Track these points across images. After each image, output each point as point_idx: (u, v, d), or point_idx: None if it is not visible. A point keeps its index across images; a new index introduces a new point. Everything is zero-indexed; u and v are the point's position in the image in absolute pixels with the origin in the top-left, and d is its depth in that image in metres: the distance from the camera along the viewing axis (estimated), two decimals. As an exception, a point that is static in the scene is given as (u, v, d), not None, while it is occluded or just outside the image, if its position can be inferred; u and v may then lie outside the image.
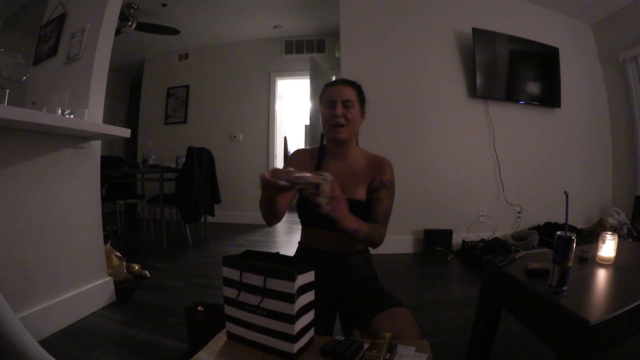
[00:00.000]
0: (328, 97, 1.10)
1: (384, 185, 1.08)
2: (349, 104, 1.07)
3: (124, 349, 1.36)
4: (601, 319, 0.68)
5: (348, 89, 1.10)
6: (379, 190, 1.07)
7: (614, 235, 1.01)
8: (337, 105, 1.07)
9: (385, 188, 1.07)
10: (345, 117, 1.06)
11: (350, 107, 1.07)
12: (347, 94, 1.08)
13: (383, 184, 1.08)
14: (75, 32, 1.82)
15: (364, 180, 1.10)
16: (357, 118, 1.10)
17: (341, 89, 1.09)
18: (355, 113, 1.09)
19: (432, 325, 1.56)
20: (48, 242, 1.50)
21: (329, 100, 1.09)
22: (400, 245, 2.92)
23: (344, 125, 1.06)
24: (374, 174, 1.10)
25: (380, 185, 1.08)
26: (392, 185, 1.10)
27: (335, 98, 1.08)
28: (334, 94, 1.09)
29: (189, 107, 4.77)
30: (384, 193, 1.07)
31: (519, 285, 0.90)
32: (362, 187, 1.09)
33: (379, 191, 1.07)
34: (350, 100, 1.08)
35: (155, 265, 2.47)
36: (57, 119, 1.39)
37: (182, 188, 3.12)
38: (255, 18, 3.99)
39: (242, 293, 0.80)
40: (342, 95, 1.07)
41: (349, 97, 1.08)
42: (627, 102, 3.35)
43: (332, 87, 1.11)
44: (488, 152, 3.11)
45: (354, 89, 1.11)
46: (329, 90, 1.11)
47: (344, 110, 1.07)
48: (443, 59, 3.08)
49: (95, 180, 1.80)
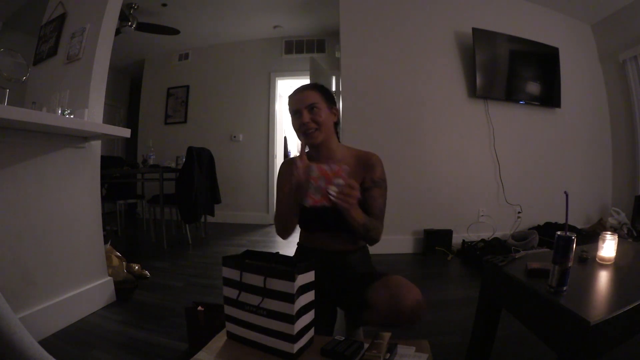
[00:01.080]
0: (293, 107, 1.09)
1: (375, 183, 1.08)
2: (314, 107, 1.05)
3: (124, 349, 1.36)
4: (601, 319, 0.68)
5: (310, 93, 1.07)
6: (371, 189, 1.07)
7: (614, 235, 1.01)
8: (302, 112, 1.05)
9: (377, 186, 1.08)
10: (314, 121, 1.05)
11: (316, 110, 1.06)
12: (310, 98, 1.06)
13: (375, 182, 1.08)
14: (75, 32, 1.82)
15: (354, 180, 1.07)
16: (327, 118, 1.08)
17: (303, 96, 1.07)
18: (324, 114, 1.07)
19: (432, 325, 1.55)
20: (48, 242, 1.50)
21: (294, 109, 1.08)
22: (400, 245, 2.92)
23: (315, 129, 1.05)
24: (364, 173, 1.09)
25: (372, 184, 1.08)
26: (384, 182, 1.11)
27: (299, 106, 1.06)
28: (297, 103, 1.07)
29: (189, 107, 4.77)
30: (377, 191, 1.07)
31: (519, 285, 0.90)
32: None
33: (372, 190, 1.07)
34: (315, 103, 1.06)
35: (155, 265, 2.47)
36: (57, 119, 1.39)
37: (182, 188, 3.12)
38: (255, 18, 3.99)
39: (242, 293, 0.80)
40: (305, 101, 1.06)
41: (312, 100, 1.06)
42: (627, 102, 3.35)
43: (294, 97, 1.09)
44: (488, 152, 3.11)
45: (316, 91, 1.09)
46: (292, 100, 1.09)
47: (311, 115, 1.05)
48: (443, 59, 3.08)
49: (95, 180, 1.80)
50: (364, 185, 1.08)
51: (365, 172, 1.09)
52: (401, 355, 0.74)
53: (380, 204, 1.08)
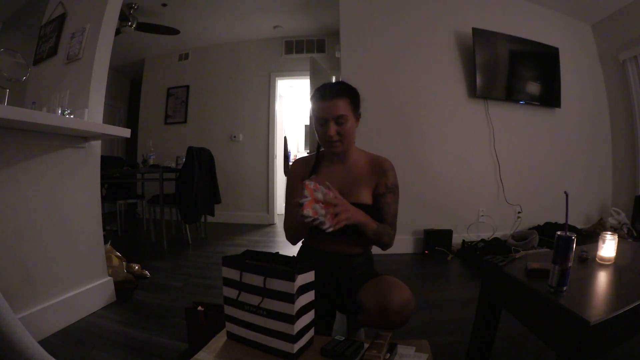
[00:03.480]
0: (319, 114, 1.03)
1: (389, 189, 1.08)
2: (341, 120, 1.01)
3: (124, 349, 1.35)
4: (601, 319, 0.68)
5: (339, 103, 1.01)
6: (385, 195, 1.07)
7: (614, 235, 1.01)
8: (329, 124, 1.00)
9: (391, 192, 1.08)
10: (339, 133, 1.02)
11: (343, 122, 1.01)
12: (339, 108, 1.00)
13: (389, 188, 1.08)
14: (75, 32, 1.82)
15: (367, 184, 1.09)
16: (352, 129, 1.04)
17: (332, 106, 1.00)
18: (350, 126, 1.03)
19: (432, 325, 1.56)
20: (48, 242, 1.50)
21: (321, 117, 1.02)
22: (400, 245, 2.92)
23: (339, 140, 1.03)
24: (378, 178, 1.09)
25: (386, 190, 1.08)
26: (397, 188, 1.11)
27: (327, 116, 1.01)
28: (325, 112, 1.01)
29: (189, 107, 4.77)
30: (390, 197, 1.08)
31: (519, 285, 0.90)
32: (366, 191, 1.08)
33: (385, 196, 1.07)
34: (343, 115, 1.00)
35: (155, 265, 2.47)
36: (57, 119, 1.39)
37: (182, 188, 3.12)
38: (255, 18, 3.99)
39: (242, 293, 0.80)
40: (333, 112, 1.00)
41: (341, 112, 1.00)
42: (627, 102, 3.35)
43: (322, 103, 1.02)
44: (488, 152, 3.11)
45: (346, 99, 1.02)
46: (320, 107, 1.02)
47: (337, 127, 1.01)
48: (443, 59, 3.08)
49: (95, 180, 1.80)
50: (378, 191, 1.08)
51: (379, 177, 1.09)
52: (401, 355, 0.74)
53: (393, 210, 1.08)
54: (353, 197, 1.05)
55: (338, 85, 1.05)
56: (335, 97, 1.01)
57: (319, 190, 0.90)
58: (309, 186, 0.89)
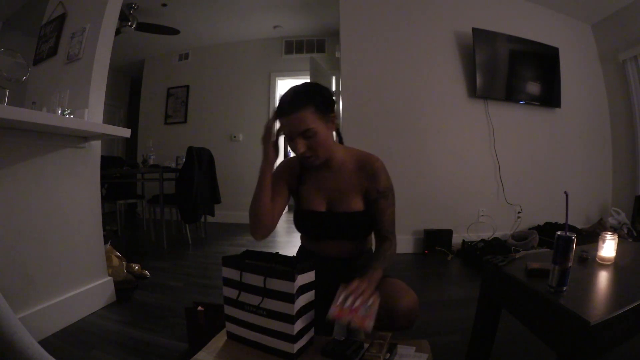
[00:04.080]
0: (282, 130, 0.94)
1: (381, 194, 0.99)
2: (308, 133, 0.90)
3: (124, 349, 1.35)
4: (601, 319, 0.68)
5: (302, 116, 0.88)
6: (378, 201, 1.00)
7: (614, 235, 1.01)
8: (296, 140, 0.91)
9: (384, 197, 1.00)
10: (310, 148, 0.92)
11: (312, 136, 0.90)
12: (302, 122, 0.89)
13: (380, 193, 0.99)
14: (75, 32, 1.82)
15: (356, 190, 1.01)
16: (325, 139, 0.93)
17: (294, 120, 0.89)
18: (321, 137, 0.92)
19: (432, 325, 1.55)
20: (48, 242, 1.49)
21: (286, 133, 0.93)
22: (400, 245, 2.87)
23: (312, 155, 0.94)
24: (368, 182, 1.00)
25: (378, 195, 0.99)
26: (391, 190, 1.02)
27: (291, 133, 0.91)
28: (287, 127, 0.92)
29: (189, 107, 4.77)
30: (384, 203, 1.00)
31: (519, 285, 0.90)
32: (356, 197, 1.01)
33: (378, 202, 1.00)
34: (310, 129, 0.89)
35: (155, 265, 2.47)
36: (57, 119, 1.39)
37: (182, 188, 3.12)
38: (255, 18, 3.99)
39: (242, 293, 0.80)
40: (297, 128, 0.90)
41: (305, 126, 0.89)
42: (627, 102, 3.35)
43: (283, 119, 0.92)
44: (488, 152, 3.11)
45: (308, 108, 0.89)
46: (281, 123, 0.93)
47: (306, 141, 0.91)
48: (443, 59, 3.08)
49: (95, 180, 1.80)
50: (370, 197, 1.00)
51: (369, 182, 1.00)
52: (401, 355, 0.74)
53: (389, 215, 1.00)
54: (344, 206, 1.00)
55: (298, 94, 0.91)
56: (296, 110, 0.89)
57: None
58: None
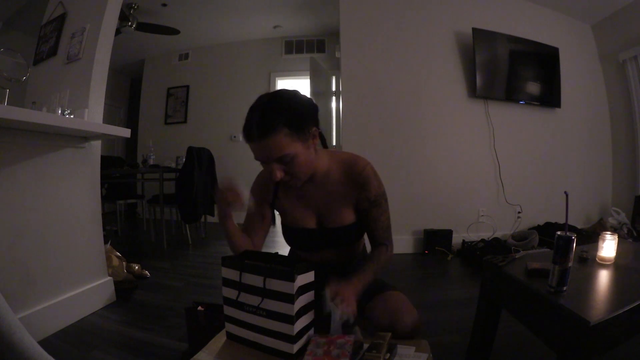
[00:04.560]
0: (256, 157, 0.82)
1: (372, 203, 0.93)
2: (285, 159, 0.79)
3: (124, 349, 1.36)
4: (601, 319, 0.68)
5: (273, 143, 0.76)
6: (369, 210, 0.94)
7: (614, 235, 1.01)
8: (272, 167, 0.81)
9: (375, 205, 0.93)
10: (289, 172, 0.83)
11: (289, 160, 0.80)
12: (276, 149, 0.77)
13: (371, 202, 0.93)
14: (75, 32, 1.82)
15: (346, 201, 0.94)
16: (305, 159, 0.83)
17: (264, 148, 0.78)
18: (300, 160, 0.81)
19: (432, 325, 1.55)
20: (48, 242, 1.50)
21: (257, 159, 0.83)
22: (400, 245, 2.92)
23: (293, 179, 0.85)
24: (357, 192, 0.93)
25: (369, 204, 0.93)
26: (383, 196, 0.95)
27: (264, 160, 0.81)
28: (258, 155, 0.81)
29: (189, 107, 4.77)
30: (376, 211, 0.94)
31: (519, 285, 0.90)
32: (347, 210, 0.95)
33: (370, 211, 0.94)
34: (285, 155, 0.78)
35: (155, 265, 2.47)
36: (57, 119, 1.39)
37: (182, 188, 3.12)
38: (255, 18, 3.99)
39: (241, 294, 0.80)
40: (270, 155, 0.79)
41: (280, 152, 0.77)
42: (627, 102, 3.35)
43: (252, 146, 0.79)
44: (488, 152, 3.11)
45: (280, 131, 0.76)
46: (252, 149, 0.81)
47: (283, 166, 0.81)
48: (443, 59, 3.08)
49: (95, 180, 1.80)
50: (360, 207, 0.94)
51: (359, 191, 0.92)
52: (401, 355, 0.74)
53: (383, 222, 0.95)
54: (337, 221, 0.95)
55: (266, 116, 0.76)
56: (265, 136, 0.76)
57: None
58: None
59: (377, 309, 0.90)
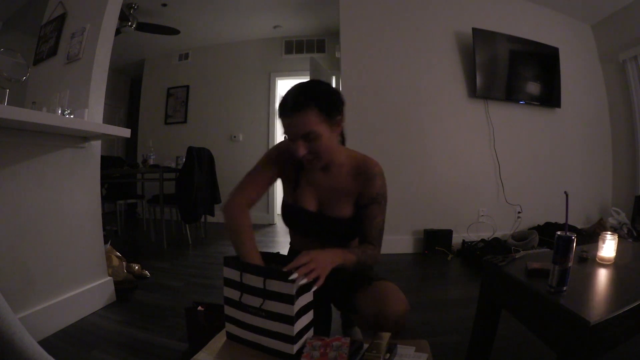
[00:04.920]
0: (284, 131, 0.89)
1: (373, 200, 0.96)
2: (311, 136, 0.85)
3: (124, 349, 1.35)
4: (601, 319, 0.68)
5: (304, 119, 0.84)
6: (368, 207, 0.96)
7: (614, 235, 1.01)
8: (297, 143, 0.86)
9: (375, 203, 0.96)
10: (312, 151, 0.88)
11: (314, 139, 0.86)
12: (304, 124, 0.84)
13: (373, 199, 0.96)
14: (75, 32, 1.82)
15: (349, 196, 0.98)
16: (329, 140, 0.89)
17: (295, 122, 0.85)
18: (324, 141, 0.87)
19: (432, 325, 1.55)
20: (48, 242, 1.49)
21: (287, 135, 0.89)
22: (400, 245, 2.92)
23: (314, 159, 0.90)
24: (362, 187, 0.97)
25: (370, 201, 0.96)
26: (384, 197, 0.97)
27: (292, 135, 0.87)
28: (288, 130, 0.87)
29: (189, 107, 4.77)
30: (375, 209, 0.96)
31: (519, 285, 0.90)
32: (346, 204, 0.98)
33: (369, 207, 0.96)
34: (312, 132, 0.85)
35: (155, 265, 2.47)
36: (57, 119, 1.39)
37: (182, 188, 3.12)
38: (255, 18, 3.99)
39: (243, 294, 0.80)
40: (298, 130, 0.85)
41: (307, 128, 0.84)
42: (627, 102, 3.35)
43: (284, 121, 0.87)
44: (488, 152, 3.11)
45: (311, 110, 0.84)
46: (283, 124, 0.88)
47: (308, 144, 0.87)
48: (443, 59, 3.08)
49: (95, 180, 1.80)
50: (361, 202, 0.97)
51: (363, 187, 0.96)
52: (401, 355, 0.74)
53: (377, 223, 0.96)
54: (335, 211, 0.98)
55: (301, 94, 0.85)
56: (297, 111, 0.84)
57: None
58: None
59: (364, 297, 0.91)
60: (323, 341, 0.75)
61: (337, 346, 0.72)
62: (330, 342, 0.74)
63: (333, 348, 0.72)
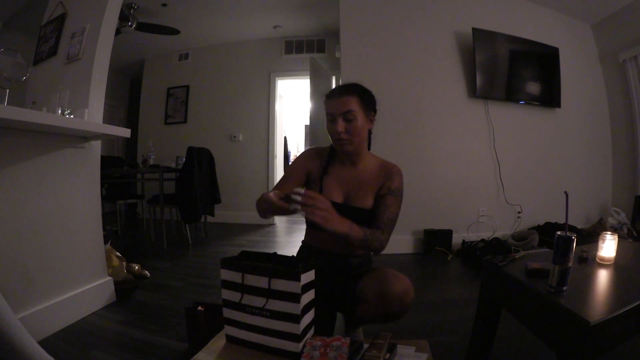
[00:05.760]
0: (328, 111, 1.05)
1: (391, 192, 1.06)
2: (350, 115, 1.01)
3: (124, 349, 1.35)
4: (601, 319, 0.68)
5: (347, 100, 1.02)
6: (385, 196, 1.06)
7: (614, 235, 1.01)
8: (337, 120, 1.02)
9: (392, 195, 1.06)
10: (347, 131, 1.02)
11: (352, 119, 1.02)
12: (347, 104, 1.02)
13: (391, 190, 1.06)
14: (75, 32, 1.82)
15: (372, 188, 1.09)
16: (362, 127, 1.04)
17: (339, 102, 1.02)
18: (359, 124, 1.03)
19: (432, 325, 1.55)
20: (48, 242, 1.49)
21: (330, 114, 1.04)
22: (400, 245, 2.92)
23: (347, 139, 1.03)
24: (383, 181, 1.08)
25: (388, 192, 1.06)
26: (400, 193, 1.08)
27: (334, 112, 1.02)
28: (333, 107, 1.03)
29: (189, 107, 4.76)
30: (391, 200, 1.05)
31: (519, 285, 0.90)
32: (370, 196, 1.08)
33: (385, 197, 1.06)
34: (351, 111, 1.01)
35: (155, 265, 2.47)
36: (57, 119, 1.39)
37: (182, 188, 3.12)
38: (255, 18, 3.98)
39: (244, 295, 0.79)
40: (341, 108, 1.01)
41: (348, 107, 1.01)
42: (627, 102, 3.35)
43: (331, 100, 1.05)
44: (488, 152, 3.11)
45: (355, 96, 1.03)
46: (328, 104, 1.05)
47: (345, 124, 1.02)
48: (443, 59, 3.08)
49: (95, 180, 1.80)
50: (379, 192, 1.07)
51: (385, 180, 1.08)
52: (401, 355, 0.74)
53: (390, 213, 1.04)
54: (360, 202, 1.06)
55: (349, 85, 1.07)
56: (343, 95, 1.03)
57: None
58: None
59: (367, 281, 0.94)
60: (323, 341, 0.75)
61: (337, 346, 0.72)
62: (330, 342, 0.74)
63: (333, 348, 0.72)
